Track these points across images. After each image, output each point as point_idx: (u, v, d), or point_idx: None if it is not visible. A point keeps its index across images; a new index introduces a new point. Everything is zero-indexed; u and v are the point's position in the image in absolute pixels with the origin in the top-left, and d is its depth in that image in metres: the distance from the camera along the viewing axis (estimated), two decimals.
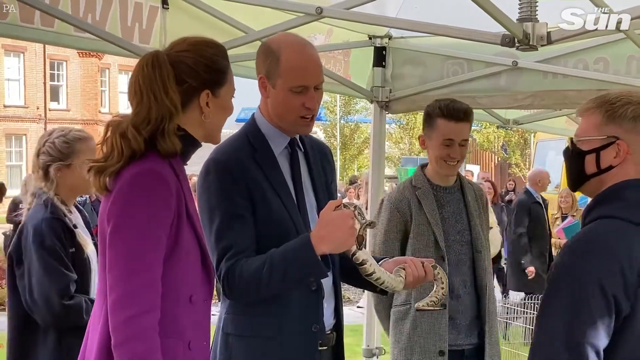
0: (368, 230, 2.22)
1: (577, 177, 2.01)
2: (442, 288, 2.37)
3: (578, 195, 10.75)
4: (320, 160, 2.42)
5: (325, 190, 2.40)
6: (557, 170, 11.49)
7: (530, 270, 8.07)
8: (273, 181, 2.25)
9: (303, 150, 2.38)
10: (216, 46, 2.04)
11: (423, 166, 3.29)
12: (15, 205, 9.85)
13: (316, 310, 2.28)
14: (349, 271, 2.34)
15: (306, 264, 2.11)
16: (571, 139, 2.02)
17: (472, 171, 21.59)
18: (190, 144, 1.99)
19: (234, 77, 2.07)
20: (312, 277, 2.19)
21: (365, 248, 2.20)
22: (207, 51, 2.00)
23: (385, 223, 3.24)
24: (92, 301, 2.30)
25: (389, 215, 3.23)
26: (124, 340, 1.78)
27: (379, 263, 2.33)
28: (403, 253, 3.18)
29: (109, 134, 1.93)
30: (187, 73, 1.95)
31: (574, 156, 2.00)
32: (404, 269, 2.29)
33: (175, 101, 1.91)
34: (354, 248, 2.14)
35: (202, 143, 2.05)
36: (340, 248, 2.13)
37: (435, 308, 2.40)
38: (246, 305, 2.23)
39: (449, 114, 3.08)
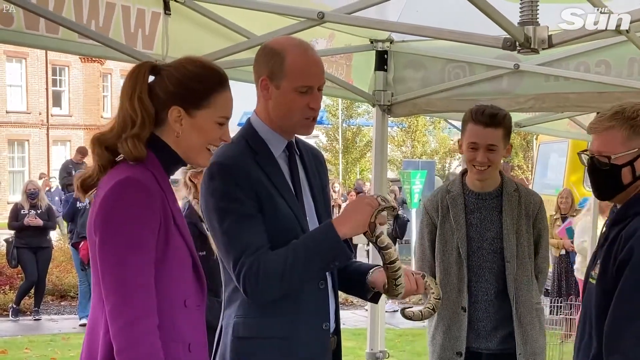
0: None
1: (613, 189, 2.30)
2: (433, 293, 2.45)
3: (581, 196, 10.74)
4: (315, 164, 2.45)
5: (321, 193, 2.43)
6: (559, 172, 11.47)
7: None
8: (276, 183, 2.27)
9: (299, 153, 2.40)
10: (205, 67, 2.00)
11: (464, 172, 3.33)
12: (16, 211, 9.86)
13: (326, 308, 2.30)
14: (341, 279, 2.39)
15: (330, 247, 2.15)
16: (608, 157, 2.26)
17: None
18: (171, 158, 2.00)
19: (236, 81, 2.08)
20: (336, 260, 2.19)
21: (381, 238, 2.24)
22: (188, 68, 1.97)
23: (420, 224, 3.41)
24: (220, 303, 2.40)
25: (422, 217, 3.40)
26: (124, 347, 1.81)
27: (371, 271, 2.38)
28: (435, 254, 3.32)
29: None
30: (159, 84, 1.96)
31: (611, 172, 2.27)
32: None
33: (137, 109, 1.91)
34: (379, 231, 2.19)
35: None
36: (359, 228, 2.18)
37: (404, 307, 2.49)
38: (258, 307, 2.23)
39: (476, 118, 3.11)
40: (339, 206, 16.40)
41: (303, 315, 2.24)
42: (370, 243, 2.28)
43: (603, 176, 2.29)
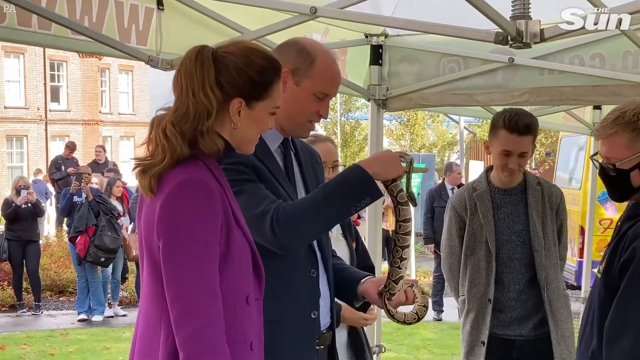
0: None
1: (625, 192, 2.32)
2: (418, 301, 2.48)
3: (599, 189, 10.65)
4: (310, 161, 2.45)
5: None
6: (579, 167, 11.47)
7: None
8: (273, 171, 2.27)
9: (294, 151, 2.40)
10: (267, 58, 1.95)
11: (489, 169, 3.54)
12: (8, 204, 9.86)
13: (314, 297, 2.31)
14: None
15: (361, 183, 2.11)
16: (613, 164, 2.28)
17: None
18: (226, 148, 1.93)
19: None
20: (368, 195, 2.13)
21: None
22: (253, 59, 1.92)
23: (447, 222, 3.59)
24: None
25: (449, 215, 3.57)
26: (195, 355, 1.75)
27: (362, 281, 2.40)
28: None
29: (153, 130, 1.89)
30: (225, 76, 1.89)
31: (620, 177, 2.29)
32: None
33: (212, 100, 1.85)
34: (401, 186, 2.21)
35: None
36: (389, 171, 2.16)
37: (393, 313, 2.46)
38: None
39: (510, 127, 3.28)
40: None
41: (292, 301, 2.25)
42: (389, 196, 2.24)
43: (613, 180, 2.32)
